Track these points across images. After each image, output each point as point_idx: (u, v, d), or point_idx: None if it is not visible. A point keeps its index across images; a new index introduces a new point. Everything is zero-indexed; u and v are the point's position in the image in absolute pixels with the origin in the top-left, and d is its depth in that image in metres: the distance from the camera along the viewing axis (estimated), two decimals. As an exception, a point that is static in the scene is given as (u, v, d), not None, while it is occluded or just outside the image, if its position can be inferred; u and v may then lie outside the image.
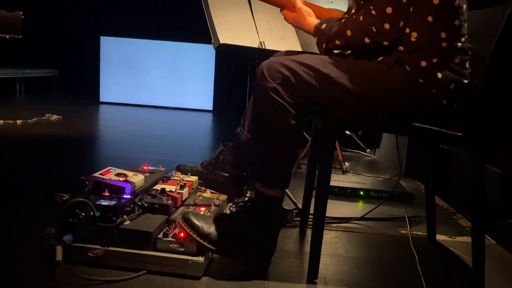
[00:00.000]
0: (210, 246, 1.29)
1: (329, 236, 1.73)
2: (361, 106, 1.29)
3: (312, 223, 1.36)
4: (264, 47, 1.98)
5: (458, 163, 2.37)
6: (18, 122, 3.69)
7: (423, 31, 1.26)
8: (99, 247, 1.29)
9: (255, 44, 1.97)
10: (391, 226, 1.90)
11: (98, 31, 5.64)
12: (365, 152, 3.48)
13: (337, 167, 2.84)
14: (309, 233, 1.63)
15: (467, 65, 1.32)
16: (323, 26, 1.38)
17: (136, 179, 1.53)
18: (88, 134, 3.72)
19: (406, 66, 1.26)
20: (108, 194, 1.43)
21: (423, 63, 1.26)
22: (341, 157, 2.88)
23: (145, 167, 1.84)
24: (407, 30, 1.27)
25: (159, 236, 1.32)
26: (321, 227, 1.34)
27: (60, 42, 6.41)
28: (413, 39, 1.27)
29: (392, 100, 1.28)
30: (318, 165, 1.42)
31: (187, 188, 1.67)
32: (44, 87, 6.29)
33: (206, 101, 5.64)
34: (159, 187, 1.60)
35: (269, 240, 1.37)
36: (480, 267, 1.35)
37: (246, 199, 1.94)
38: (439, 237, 1.78)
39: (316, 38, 1.40)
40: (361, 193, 2.30)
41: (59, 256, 1.23)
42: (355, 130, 3.33)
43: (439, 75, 1.26)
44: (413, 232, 1.82)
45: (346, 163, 2.93)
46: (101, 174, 1.50)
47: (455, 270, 1.55)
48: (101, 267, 1.27)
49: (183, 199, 1.62)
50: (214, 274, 1.30)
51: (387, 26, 1.25)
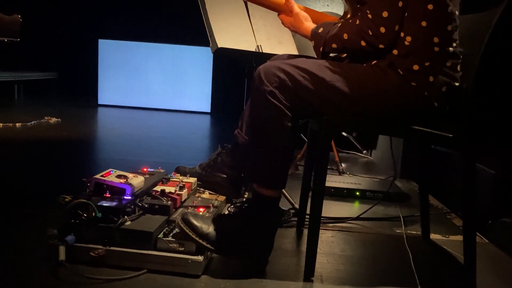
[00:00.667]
0: (209, 246, 1.32)
1: (326, 235, 1.76)
2: (355, 109, 1.33)
3: (309, 222, 1.39)
4: (261, 51, 2.02)
5: (451, 164, 2.42)
6: (18, 125, 3.72)
7: (417, 36, 1.30)
8: (100, 247, 1.32)
9: (252, 48, 2.01)
10: (386, 225, 1.94)
11: (96, 34, 5.68)
12: (362, 153, 3.52)
13: (333, 168, 2.88)
14: (306, 232, 1.67)
15: (458, 69, 1.36)
16: (320, 30, 1.42)
17: (136, 181, 1.56)
18: (87, 137, 3.75)
19: (399, 69, 1.30)
20: (109, 195, 1.47)
21: (416, 67, 1.30)
22: (337, 158, 2.92)
23: (145, 169, 1.87)
24: (401, 34, 1.31)
25: (159, 236, 1.35)
26: (317, 226, 1.37)
27: (58, 45, 6.44)
28: (407, 43, 1.30)
29: (385, 102, 1.31)
30: (314, 165, 1.45)
31: (186, 189, 1.71)
32: (42, 89, 6.32)
33: (204, 104, 5.67)
34: (159, 188, 1.63)
35: (267, 239, 1.41)
36: (471, 264, 1.38)
37: (244, 199, 1.98)
38: (433, 236, 1.82)
39: (313, 42, 1.44)
40: (357, 193, 2.34)
41: (62, 256, 1.26)
42: (349, 132, 3.39)
43: (431, 78, 1.30)
44: (408, 232, 1.86)
45: (343, 164, 2.97)
46: (102, 176, 1.54)
47: (448, 268, 1.59)
48: (103, 266, 1.31)
49: (183, 200, 1.66)
50: (213, 272, 1.34)
51: (383, 29, 1.28)
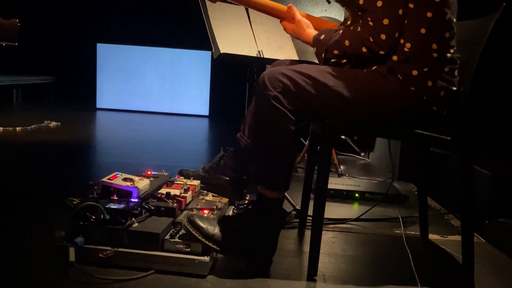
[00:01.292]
0: (214, 247, 1.36)
1: (327, 236, 1.80)
2: (356, 112, 1.37)
3: (311, 223, 1.43)
4: (262, 56, 2.06)
5: (448, 165, 2.46)
6: (18, 129, 3.74)
7: (416, 42, 1.34)
8: (109, 248, 1.36)
9: (253, 53, 2.05)
10: (385, 226, 1.98)
11: (94, 38, 5.71)
12: (360, 155, 3.56)
13: (333, 170, 2.92)
14: (308, 233, 1.70)
15: (456, 74, 1.41)
16: (322, 36, 1.46)
17: (142, 184, 1.60)
18: (88, 141, 3.78)
19: (399, 75, 1.35)
20: (116, 198, 1.50)
21: (415, 72, 1.34)
22: (336, 161, 2.96)
23: (149, 172, 1.90)
24: (401, 41, 1.35)
25: (166, 237, 1.39)
26: (319, 228, 1.41)
27: (56, 49, 6.47)
28: (407, 49, 1.35)
29: (385, 106, 1.36)
30: (316, 168, 1.49)
31: (191, 191, 1.74)
32: (40, 93, 6.34)
33: (202, 107, 5.71)
34: (164, 191, 1.66)
35: (271, 240, 1.44)
36: (469, 263, 1.43)
37: (246, 201, 2.01)
38: (432, 236, 1.86)
39: (315, 48, 1.48)
40: (357, 195, 2.38)
41: (72, 257, 1.29)
42: (350, 135, 3.43)
43: (430, 83, 1.35)
44: (407, 232, 1.90)
45: (342, 167, 3.01)
46: (109, 179, 1.57)
47: (446, 267, 1.63)
48: (111, 267, 1.34)
49: (187, 202, 1.69)
50: (219, 272, 1.37)
51: (383, 36, 1.33)
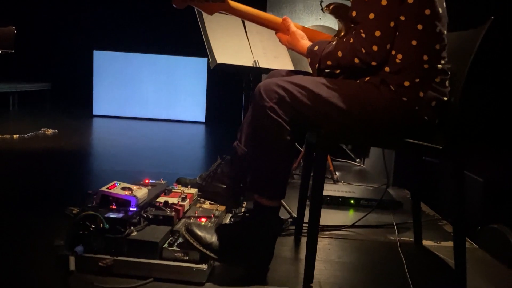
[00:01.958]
0: (212, 255, 1.39)
1: (323, 243, 1.83)
2: (350, 123, 1.41)
3: (307, 231, 1.46)
4: (258, 66, 2.09)
5: (441, 172, 2.50)
6: (15, 136, 3.75)
7: (407, 54, 1.38)
8: (108, 257, 1.38)
9: (249, 63, 2.09)
10: (380, 232, 2.02)
11: (91, 45, 5.73)
12: (355, 161, 3.60)
13: (328, 176, 2.96)
14: (304, 240, 1.74)
15: (446, 84, 1.44)
16: (316, 48, 1.50)
17: (140, 193, 1.62)
18: (85, 148, 3.80)
19: (391, 86, 1.38)
20: (115, 207, 1.53)
21: (406, 83, 1.38)
22: (332, 167, 2.99)
23: (147, 181, 1.92)
24: (393, 52, 1.39)
25: (164, 246, 1.41)
26: (315, 236, 1.44)
27: (53, 56, 6.49)
28: (398, 60, 1.38)
29: (378, 117, 1.39)
30: (312, 176, 1.52)
31: (188, 200, 1.77)
32: (37, 100, 6.35)
33: (199, 113, 5.74)
34: (162, 199, 1.69)
35: (267, 247, 1.47)
36: (462, 268, 1.46)
37: (243, 209, 2.04)
38: (425, 242, 1.90)
39: (309, 59, 1.52)
40: (352, 201, 2.41)
41: (72, 266, 1.32)
42: (345, 144, 3.48)
43: (421, 93, 1.38)
44: (401, 238, 1.93)
45: (337, 173, 3.04)
46: (108, 188, 1.59)
47: (440, 273, 1.66)
48: (111, 275, 1.36)
49: (185, 210, 1.72)
50: (217, 280, 1.40)
51: (375, 47, 1.36)
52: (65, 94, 6.53)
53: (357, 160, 3.60)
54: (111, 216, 1.43)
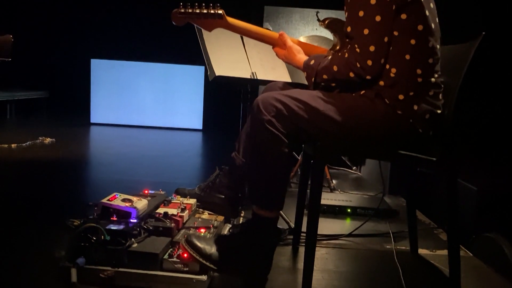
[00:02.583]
0: (212, 266, 1.41)
1: (320, 252, 1.86)
2: (346, 135, 1.44)
3: (305, 242, 1.48)
4: (256, 77, 2.13)
5: (435, 181, 2.54)
6: (13, 145, 3.76)
7: (401, 68, 1.41)
8: (109, 268, 1.40)
9: (247, 75, 2.12)
10: (377, 241, 2.04)
11: (88, 54, 5.76)
12: (351, 169, 3.63)
13: (325, 185, 2.98)
14: (302, 250, 1.75)
15: (440, 97, 1.48)
16: (312, 62, 1.53)
17: (140, 204, 1.65)
18: (83, 157, 3.82)
19: (386, 99, 1.42)
20: (116, 218, 1.55)
21: (401, 97, 1.41)
22: (329, 176, 3.02)
23: (146, 191, 1.95)
24: (387, 66, 1.42)
25: (165, 257, 1.44)
26: (313, 246, 1.46)
27: (50, 65, 6.51)
28: (392, 74, 1.42)
29: (374, 129, 1.42)
30: (310, 186, 1.55)
31: (187, 210, 1.79)
32: (34, 109, 6.36)
33: (196, 120, 5.77)
34: (161, 210, 1.72)
35: (266, 258, 1.50)
36: (456, 277, 1.49)
37: (241, 219, 2.07)
38: (421, 251, 1.93)
39: (306, 73, 1.55)
40: (349, 210, 2.44)
41: (74, 278, 1.34)
42: (341, 156, 3.51)
43: (415, 107, 1.42)
44: (397, 247, 1.96)
45: (334, 181, 3.07)
46: (108, 200, 1.62)
47: (435, 281, 1.69)
48: (112, 287, 1.38)
49: (184, 221, 1.74)
50: (216, 291, 1.43)
51: (370, 62, 1.40)
52: (63, 102, 6.54)
53: (354, 168, 3.63)
54: (112, 228, 1.46)
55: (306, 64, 1.55)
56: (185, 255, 1.43)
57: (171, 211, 1.72)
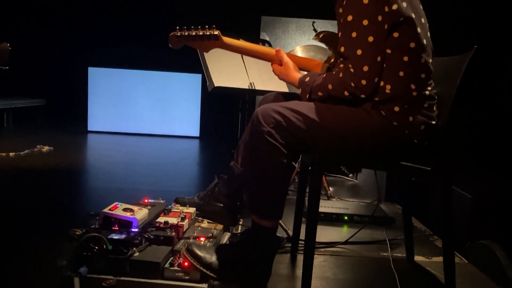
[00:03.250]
0: (212, 275, 1.44)
1: (318, 260, 1.88)
2: (343, 146, 1.47)
3: (304, 251, 1.50)
4: (254, 88, 2.16)
5: (430, 189, 2.58)
6: (11, 154, 3.78)
7: (395, 84, 1.45)
8: (112, 277, 1.43)
9: (245, 85, 2.16)
10: (373, 249, 2.07)
11: (86, 62, 5.79)
12: (348, 177, 3.67)
13: (322, 193, 3.01)
14: (300, 258, 1.79)
15: (434, 108, 1.52)
16: (307, 79, 1.57)
17: (141, 214, 1.67)
18: (81, 165, 3.83)
19: (382, 111, 1.45)
20: (117, 228, 1.57)
21: (397, 108, 1.45)
22: (325, 183, 3.06)
23: (146, 200, 1.97)
24: (381, 83, 1.45)
25: (166, 266, 1.46)
26: (311, 254, 1.49)
27: (48, 73, 6.53)
28: (388, 91, 1.45)
29: (370, 140, 1.46)
30: (308, 195, 1.58)
31: (187, 219, 1.82)
32: (31, 117, 6.37)
33: (193, 128, 5.80)
34: (162, 219, 1.74)
35: (265, 266, 1.52)
36: (451, 283, 1.52)
37: (240, 227, 2.09)
38: (417, 258, 1.96)
39: (301, 89, 1.59)
40: (346, 217, 2.47)
41: (76, 287, 1.36)
42: (338, 166, 3.57)
43: (411, 118, 1.45)
44: (394, 254, 1.99)
45: (331, 188, 3.11)
46: (109, 209, 1.64)
47: (431, 288, 1.72)
48: (114, 296, 1.41)
49: (184, 230, 1.77)
50: (217, 299, 1.45)
51: (364, 82, 1.43)
52: (60, 110, 6.57)
53: (350, 175, 3.67)
54: (114, 237, 1.48)
55: (301, 81, 1.59)
56: (186, 263, 1.46)
57: (171, 220, 1.75)
